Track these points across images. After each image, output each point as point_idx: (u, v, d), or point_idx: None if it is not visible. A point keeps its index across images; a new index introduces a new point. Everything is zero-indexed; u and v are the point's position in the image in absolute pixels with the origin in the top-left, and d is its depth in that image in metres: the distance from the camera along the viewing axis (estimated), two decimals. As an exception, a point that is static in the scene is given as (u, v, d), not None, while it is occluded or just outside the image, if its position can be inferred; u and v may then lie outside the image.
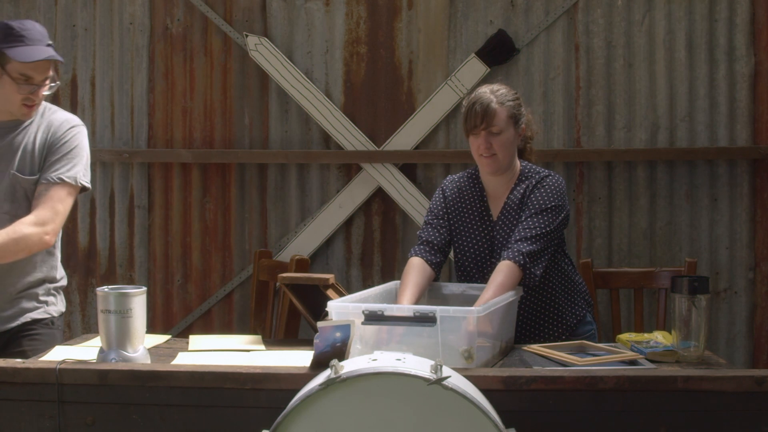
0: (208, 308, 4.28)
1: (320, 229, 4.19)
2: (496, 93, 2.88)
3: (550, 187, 2.86)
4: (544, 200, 2.83)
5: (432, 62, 4.19)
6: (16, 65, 2.65)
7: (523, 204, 2.86)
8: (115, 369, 2.18)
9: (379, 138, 4.19)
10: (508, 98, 2.88)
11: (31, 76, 2.68)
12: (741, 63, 4.09)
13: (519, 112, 2.90)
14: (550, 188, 2.86)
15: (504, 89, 2.91)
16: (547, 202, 2.82)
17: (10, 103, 2.71)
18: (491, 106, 2.83)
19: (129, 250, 4.31)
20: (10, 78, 2.67)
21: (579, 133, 4.16)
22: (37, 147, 2.76)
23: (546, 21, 4.14)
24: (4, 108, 2.73)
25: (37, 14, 4.30)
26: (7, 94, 2.69)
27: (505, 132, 2.85)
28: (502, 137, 2.84)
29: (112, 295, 2.34)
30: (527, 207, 2.83)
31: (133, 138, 4.30)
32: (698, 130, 4.11)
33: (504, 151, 2.85)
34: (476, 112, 2.84)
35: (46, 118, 2.80)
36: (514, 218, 2.88)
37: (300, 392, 1.83)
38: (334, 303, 2.39)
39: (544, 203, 2.82)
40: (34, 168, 2.75)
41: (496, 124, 2.83)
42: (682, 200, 4.13)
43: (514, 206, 2.89)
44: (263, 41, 4.18)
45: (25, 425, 2.15)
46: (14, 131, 2.76)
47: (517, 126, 2.89)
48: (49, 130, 2.78)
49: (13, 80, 2.67)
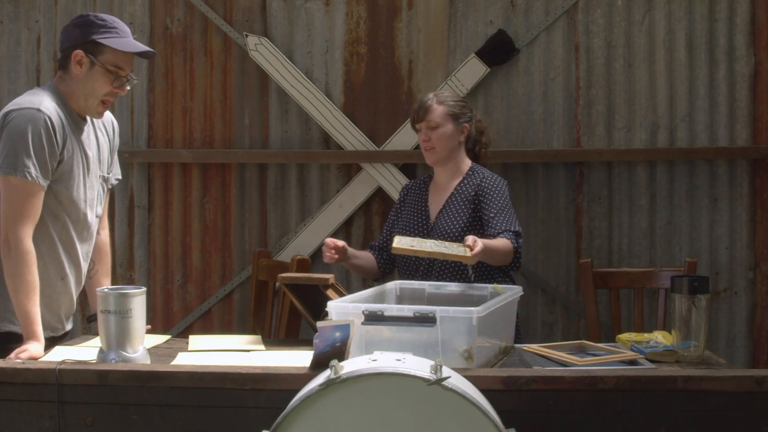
0: (207, 308, 4.28)
1: (320, 229, 4.19)
2: (437, 95, 3.34)
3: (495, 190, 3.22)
4: (494, 203, 3.18)
5: (432, 62, 4.19)
6: (110, 57, 2.59)
7: (469, 202, 3.23)
8: (115, 369, 2.18)
9: (379, 138, 4.19)
10: (449, 99, 3.32)
11: (123, 68, 2.62)
12: (741, 63, 4.09)
13: (460, 112, 3.31)
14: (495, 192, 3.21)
15: (449, 93, 3.39)
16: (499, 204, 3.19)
17: (94, 96, 2.62)
18: (428, 103, 3.29)
19: (129, 250, 4.31)
20: (103, 69, 2.59)
21: (579, 133, 4.16)
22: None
23: (546, 21, 4.14)
24: (86, 104, 2.64)
25: (37, 14, 4.30)
26: (94, 87, 2.61)
27: (443, 127, 3.27)
28: (439, 131, 3.27)
29: (111, 295, 2.34)
30: (486, 207, 3.18)
31: (133, 138, 4.31)
32: (698, 130, 4.11)
33: (441, 143, 3.27)
34: (416, 109, 3.33)
35: None
36: (454, 210, 3.24)
37: (300, 392, 1.83)
38: (334, 303, 2.39)
39: (502, 204, 3.19)
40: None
41: (433, 119, 3.26)
42: (682, 200, 4.13)
43: (457, 200, 3.25)
44: (263, 41, 4.18)
45: (25, 425, 2.15)
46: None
47: (456, 123, 3.29)
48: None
49: (106, 72, 2.60)
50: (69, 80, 2.64)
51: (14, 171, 2.48)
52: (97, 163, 2.76)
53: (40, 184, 2.51)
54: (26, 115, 2.51)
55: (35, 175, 2.49)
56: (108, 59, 2.60)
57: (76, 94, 2.63)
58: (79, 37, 2.60)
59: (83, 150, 2.68)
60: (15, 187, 2.49)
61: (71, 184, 2.63)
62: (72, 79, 2.63)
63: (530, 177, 4.17)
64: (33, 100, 2.56)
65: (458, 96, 3.41)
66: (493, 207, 3.17)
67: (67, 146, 2.59)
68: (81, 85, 2.62)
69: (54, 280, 2.67)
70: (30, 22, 4.31)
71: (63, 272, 2.69)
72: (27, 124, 2.50)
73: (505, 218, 3.15)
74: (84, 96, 2.63)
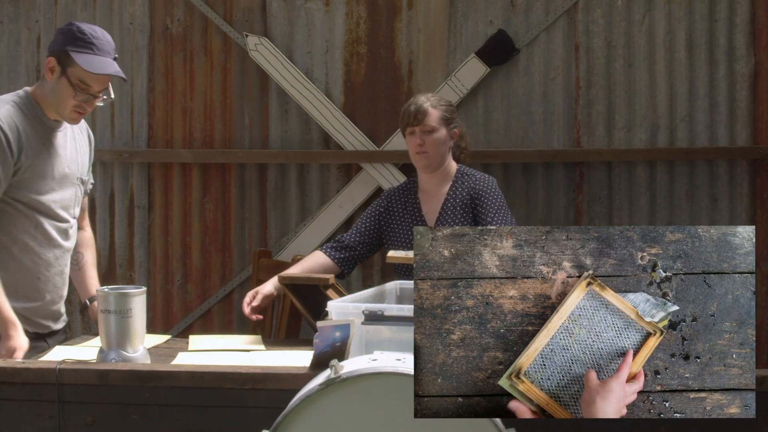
0: (208, 308, 4.29)
1: (320, 229, 4.19)
2: (429, 98, 3.26)
3: (492, 192, 3.21)
4: (493, 204, 3.18)
5: (432, 62, 4.19)
6: (78, 71, 2.60)
7: (467, 206, 3.20)
8: (115, 369, 2.18)
9: (379, 138, 4.19)
10: (440, 103, 3.26)
11: (89, 86, 2.62)
12: (741, 63, 4.09)
13: (452, 116, 3.26)
14: (493, 193, 3.21)
15: (438, 97, 3.31)
16: (497, 204, 3.18)
17: (62, 106, 2.65)
18: (424, 107, 3.21)
19: (129, 250, 4.31)
20: (68, 82, 2.61)
21: (579, 133, 4.16)
22: None
23: (546, 21, 4.14)
24: (57, 110, 2.68)
25: (37, 14, 4.30)
26: (60, 97, 2.64)
27: (437, 131, 3.21)
28: (434, 136, 3.21)
29: (112, 295, 2.34)
30: (483, 211, 3.16)
31: (133, 138, 4.31)
32: (698, 130, 4.11)
33: (435, 148, 3.21)
34: (410, 111, 3.23)
35: None
36: (453, 216, 3.20)
37: (300, 392, 1.83)
38: (334, 303, 2.39)
39: (494, 206, 3.18)
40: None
41: (429, 123, 3.19)
42: (682, 200, 4.13)
43: (452, 205, 3.22)
44: (263, 41, 4.18)
45: (25, 425, 2.15)
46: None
47: (449, 128, 3.24)
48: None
49: (71, 85, 2.61)
50: (44, 85, 2.68)
51: None
52: (74, 165, 2.78)
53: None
54: None
55: None
56: (75, 72, 2.61)
57: (48, 99, 2.67)
58: (58, 44, 2.63)
59: (55, 153, 2.70)
60: None
61: (42, 188, 2.66)
62: (46, 84, 2.67)
63: (530, 177, 4.17)
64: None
65: (447, 100, 3.36)
66: (491, 208, 3.17)
67: (26, 152, 2.61)
68: (50, 92, 2.66)
69: (31, 281, 2.71)
70: (30, 22, 4.31)
71: (38, 273, 2.71)
72: None
73: (503, 218, 3.16)
74: (54, 103, 2.67)
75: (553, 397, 1.68)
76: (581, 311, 1.71)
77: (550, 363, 1.69)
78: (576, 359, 1.70)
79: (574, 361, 1.70)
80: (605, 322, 1.71)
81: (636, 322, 1.72)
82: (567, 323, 1.70)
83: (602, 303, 1.72)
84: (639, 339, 1.71)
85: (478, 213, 3.18)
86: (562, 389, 1.69)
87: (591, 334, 1.71)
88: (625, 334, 1.71)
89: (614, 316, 1.72)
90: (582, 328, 1.71)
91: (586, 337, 1.71)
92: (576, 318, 1.71)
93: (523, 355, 1.68)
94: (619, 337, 1.71)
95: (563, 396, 1.69)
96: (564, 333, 1.70)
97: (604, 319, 1.72)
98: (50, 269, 2.73)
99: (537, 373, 1.69)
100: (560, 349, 1.70)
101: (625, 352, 1.70)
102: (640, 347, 1.71)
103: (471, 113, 4.16)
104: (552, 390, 1.68)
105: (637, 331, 1.72)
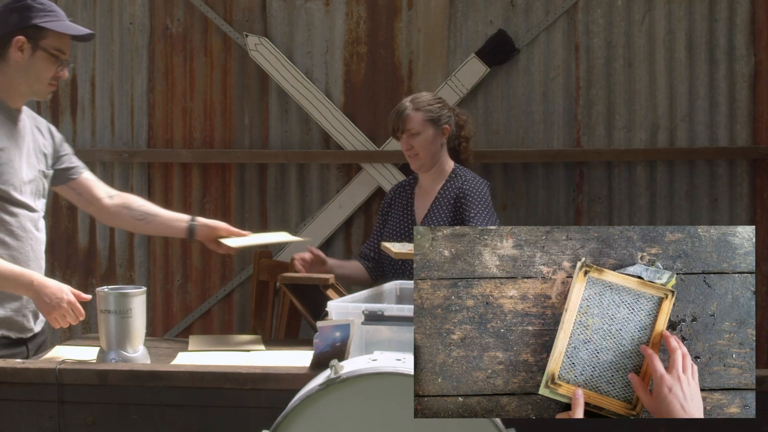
0: (208, 308, 4.29)
1: (320, 229, 4.19)
2: (414, 100, 3.31)
3: (475, 194, 3.21)
4: (472, 207, 3.19)
5: (432, 62, 4.19)
6: (52, 41, 2.55)
7: (450, 206, 3.23)
8: (115, 369, 2.18)
9: (379, 138, 4.19)
10: (424, 103, 3.29)
11: (64, 52, 2.58)
12: (741, 63, 4.09)
13: (438, 115, 3.29)
14: (475, 196, 3.21)
15: (425, 95, 3.36)
16: (477, 207, 3.18)
17: (39, 81, 2.59)
18: (405, 112, 3.27)
19: (129, 250, 4.31)
20: (46, 53, 2.55)
21: (579, 133, 4.16)
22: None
23: (546, 21, 4.14)
24: (31, 89, 2.61)
25: (37, 14, 4.29)
26: (39, 72, 2.57)
27: (423, 133, 3.27)
28: (420, 138, 3.27)
29: (112, 295, 2.34)
30: (465, 210, 3.18)
31: (133, 138, 4.30)
32: (698, 130, 4.11)
33: (423, 150, 3.28)
34: (394, 118, 3.31)
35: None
36: (438, 214, 3.24)
37: (300, 392, 1.83)
38: (334, 303, 2.39)
39: (473, 209, 3.18)
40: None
41: (412, 127, 3.26)
42: (682, 200, 4.13)
43: (440, 203, 3.26)
44: (263, 41, 4.18)
45: (25, 425, 2.15)
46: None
47: (437, 127, 3.28)
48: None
49: (49, 56, 2.56)
50: (6, 69, 2.58)
51: None
52: (34, 157, 2.68)
53: None
54: None
55: None
56: (50, 43, 2.56)
57: (16, 81, 2.59)
58: (18, 22, 2.55)
59: (22, 142, 2.63)
60: None
61: (12, 178, 2.57)
62: (10, 67, 2.57)
63: (530, 177, 4.17)
64: None
65: (434, 97, 3.38)
66: (473, 209, 3.18)
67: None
68: (23, 72, 2.57)
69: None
70: (30, 22, 4.30)
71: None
72: None
73: (484, 220, 3.15)
74: (28, 82, 2.59)
75: (592, 389, 1.70)
76: (588, 301, 1.71)
77: (578, 360, 1.70)
78: (600, 348, 1.71)
79: (600, 350, 1.71)
80: (615, 302, 1.72)
81: (644, 292, 1.71)
82: (579, 318, 1.71)
83: (605, 286, 1.72)
84: (653, 307, 1.71)
85: (461, 212, 3.20)
86: (596, 379, 1.71)
87: (605, 320, 1.72)
88: (638, 307, 1.71)
89: (621, 294, 1.72)
90: (595, 317, 1.71)
91: (602, 323, 1.71)
92: (586, 309, 1.71)
93: (551, 362, 1.69)
94: (633, 311, 1.72)
95: (601, 385, 1.71)
96: (580, 328, 1.71)
97: (612, 300, 1.72)
98: (29, 263, 2.61)
99: (569, 373, 1.70)
100: (582, 344, 1.71)
101: (645, 326, 1.71)
102: (656, 315, 1.71)
103: (471, 113, 4.15)
104: (588, 383, 1.70)
105: (648, 300, 1.72)
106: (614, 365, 1.71)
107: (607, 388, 1.71)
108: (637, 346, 1.70)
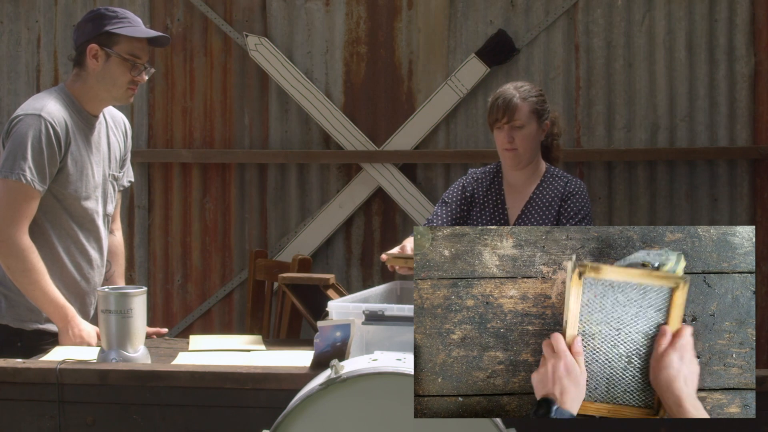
0: (208, 308, 4.29)
1: (320, 229, 4.19)
2: (519, 89, 2.98)
3: (581, 195, 2.99)
4: (580, 208, 2.96)
5: (432, 62, 4.19)
6: (125, 45, 2.61)
7: (552, 208, 2.97)
8: (116, 369, 2.18)
9: (379, 138, 4.19)
10: (531, 94, 2.98)
11: (140, 57, 2.64)
12: (741, 63, 4.09)
13: (543, 108, 2.99)
14: (582, 197, 2.98)
15: (528, 86, 3.02)
16: (584, 210, 2.96)
17: (117, 86, 2.64)
18: (513, 101, 2.93)
19: (129, 250, 4.30)
20: (120, 59, 2.61)
21: (579, 133, 4.16)
22: None
23: (546, 21, 4.14)
24: (111, 95, 2.67)
25: (37, 14, 4.30)
26: (115, 77, 2.63)
27: (527, 126, 2.95)
28: (524, 131, 2.94)
29: (112, 295, 2.34)
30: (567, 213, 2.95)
31: (134, 138, 4.29)
32: (698, 130, 4.11)
33: (525, 144, 2.95)
34: (498, 106, 2.95)
35: None
36: (536, 215, 2.98)
37: (300, 392, 1.83)
38: (335, 303, 2.39)
39: (582, 211, 2.95)
40: None
41: (518, 118, 2.93)
42: (682, 200, 4.13)
43: (537, 205, 2.99)
44: (263, 41, 4.18)
45: (25, 425, 2.15)
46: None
47: (540, 122, 2.99)
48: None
49: (122, 61, 2.61)
50: (86, 77, 2.65)
51: (10, 174, 2.52)
52: (107, 162, 2.76)
53: (36, 188, 2.54)
54: (28, 121, 2.55)
55: (30, 179, 2.52)
56: (123, 48, 2.62)
57: (95, 88, 2.65)
58: (92, 30, 2.63)
59: (93, 150, 2.70)
60: (10, 190, 2.52)
61: (80, 186, 2.65)
62: (89, 75, 2.64)
63: (530, 177, 4.17)
64: (36, 105, 2.59)
65: (537, 88, 3.06)
66: (577, 213, 2.96)
67: (72, 150, 2.61)
68: (99, 79, 2.64)
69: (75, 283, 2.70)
70: (30, 22, 4.31)
71: (71, 277, 2.68)
72: (28, 129, 2.53)
73: (589, 221, 2.99)
74: (106, 88, 2.65)
75: (610, 402, 1.63)
76: (589, 307, 1.63)
77: (590, 374, 1.61)
78: (610, 356, 1.63)
79: (610, 359, 1.62)
80: (619, 302, 1.60)
81: (651, 284, 1.59)
82: (582, 328, 1.62)
83: (605, 285, 1.62)
84: (663, 300, 1.61)
85: (561, 214, 2.97)
86: (612, 390, 1.65)
87: (611, 325, 1.61)
88: (647, 302, 1.62)
89: (625, 291, 1.62)
90: (599, 324, 1.61)
91: (608, 330, 1.61)
92: (588, 318, 1.62)
93: None
94: (642, 307, 1.60)
95: (617, 395, 1.64)
96: (585, 339, 1.62)
97: (616, 300, 1.61)
98: (84, 271, 2.71)
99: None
100: (590, 355, 1.63)
101: (658, 323, 1.59)
102: (668, 309, 1.60)
103: (471, 113, 4.16)
104: (604, 397, 1.63)
105: (657, 293, 1.62)
106: (628, 373, 1.63)
107: (624, 398, 1.64)
108: (652, 345, 1.60)
